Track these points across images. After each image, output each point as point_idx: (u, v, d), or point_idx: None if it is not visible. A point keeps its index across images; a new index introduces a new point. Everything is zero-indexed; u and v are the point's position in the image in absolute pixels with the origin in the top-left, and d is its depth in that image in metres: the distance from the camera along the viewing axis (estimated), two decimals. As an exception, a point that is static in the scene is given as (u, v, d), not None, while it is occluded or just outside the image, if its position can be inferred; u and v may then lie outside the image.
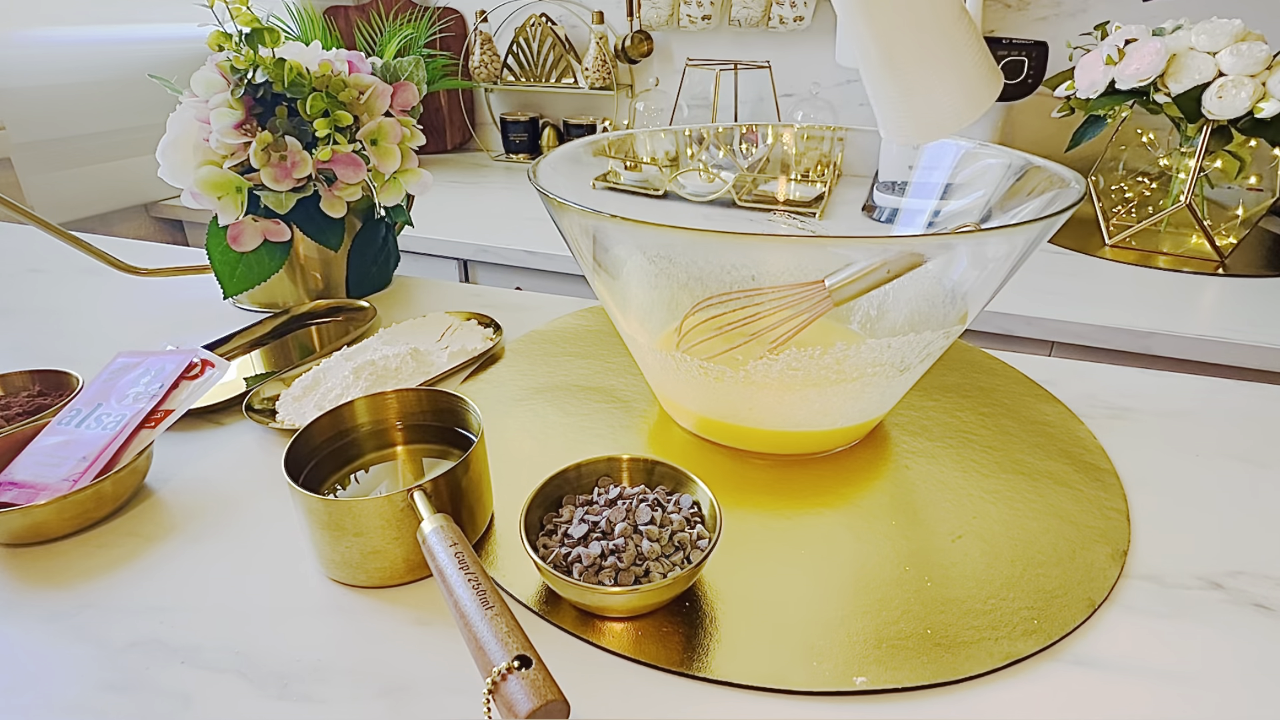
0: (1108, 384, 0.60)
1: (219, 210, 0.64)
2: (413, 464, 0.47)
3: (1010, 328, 0.95)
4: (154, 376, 0.50)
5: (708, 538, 0.38)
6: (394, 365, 0.57)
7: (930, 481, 0.48)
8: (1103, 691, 0.34)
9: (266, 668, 0.35)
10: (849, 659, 0.35)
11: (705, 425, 0.52)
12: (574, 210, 0.41)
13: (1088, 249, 1.14)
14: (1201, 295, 0.99)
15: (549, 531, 0.40)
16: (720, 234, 0.39)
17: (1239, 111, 0.98)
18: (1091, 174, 1.23)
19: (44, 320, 0.74)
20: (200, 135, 0.63)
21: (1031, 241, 0.41)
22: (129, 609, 0.39)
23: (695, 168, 1.05)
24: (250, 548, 0.43)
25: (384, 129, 0.66)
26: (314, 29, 1.27)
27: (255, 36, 0.62)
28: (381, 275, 0.79)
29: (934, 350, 0.47)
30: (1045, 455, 0.50)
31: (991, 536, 0.43)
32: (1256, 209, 1.12)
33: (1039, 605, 0.38)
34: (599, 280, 0.49)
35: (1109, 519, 0.44)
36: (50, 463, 0.45)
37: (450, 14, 1.74)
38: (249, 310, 0.75)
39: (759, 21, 1.49)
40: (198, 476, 0.49)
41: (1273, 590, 0.40)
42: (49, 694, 0.34)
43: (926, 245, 0.40)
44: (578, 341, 0.67)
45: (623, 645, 0.36)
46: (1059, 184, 0.46)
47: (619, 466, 0.43)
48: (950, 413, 0.55)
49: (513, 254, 1.23)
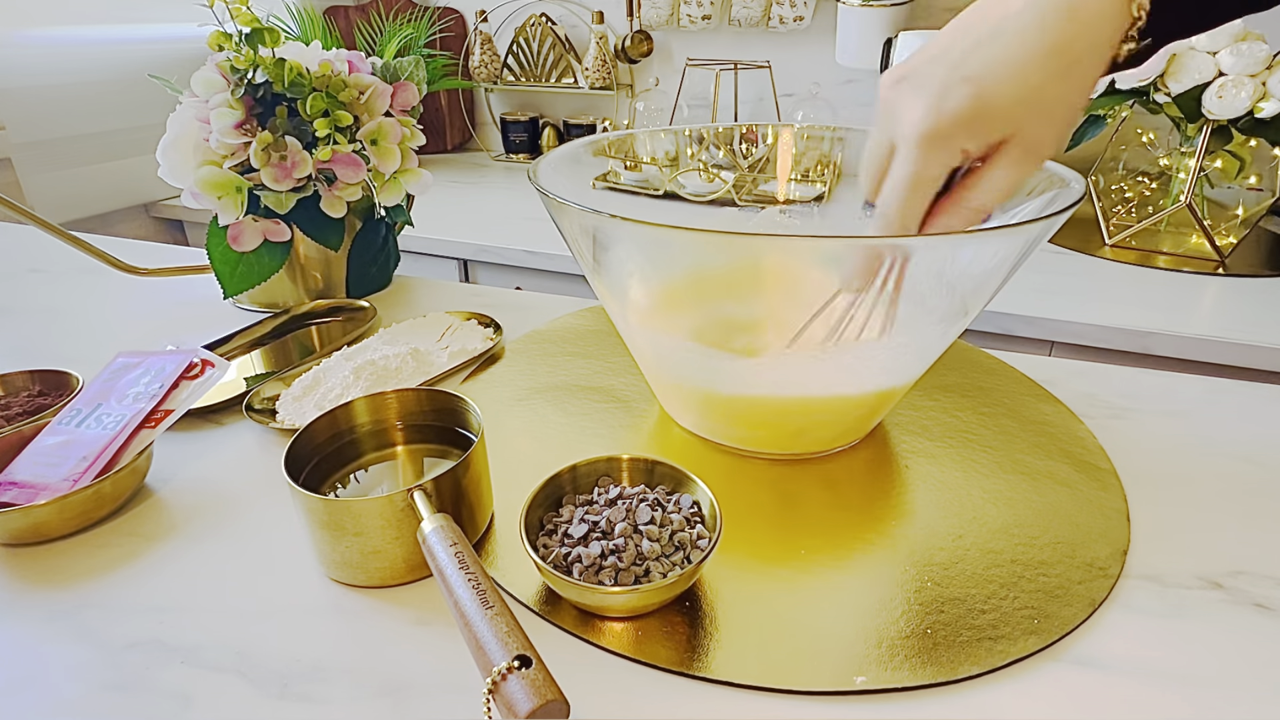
0: (1108, 384, 0.60)
1: (219, 210, 0.64)
2: (413, 464, 0.47)
3: (1010, 328, 0.95)
4: (154, 376, 0.50)
5: (708, 538, 0.38)
6: (394, 365, 0.57)
7: (930, 481, 0.48)
8: (1103, 691, 0.34)
9: (266, 668, 0.35)
10: (849, 659, 0.35)
11: (705, 424, 0.52)
12: (574, 210, 0.41)
13: (1088, 249, 1.14)
14: (1201, 295, 0.99)
15: (549, 531, 0.40)
16: (720, 234, 0.39)
17: (1239, 111, 0.98)
18: (1091, 174, 1.23)
19: (44, 320, 0.74)
20: (200, 135, 0.63)
21: (1031, 241, 0.41)
22: (129, 609, 0.39)
23: (695, 168, 1.05)
24: (250, 548, 0.43)
25: (384, 129, 0.66)
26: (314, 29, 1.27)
27: (255, 36, 0.62)
28: (381, 275, 0.79)
29: (934, 350, 0.47)
30: (1045, 455, 0.50)
31: (991, 536, 0.43)
32: (1256, 209, 1.12)
33: (1039, 605, 0.38)
34: (599, 280, 0.49)
35: (1109, 519, 0.44)
36: (50, 463, 0.45)
37: (450, 14, 1.74)
38: (249, 310, 0.75)
39: (759, 21, 1.49)
40: (198, 476, 0.49)
41: (1273, 590, 0.40)
42: (49, 694, 0.34)
43: (925, 245, 0.40)
44: (578, 341, 0.67)
45: (623, 645, 0.36)
46: (1059, 184, 0.46)
47: (619, 466, 0.43)
48: (950, 413, 0.55)
49: (513, 254, 1.23)
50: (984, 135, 0.34)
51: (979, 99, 0.33)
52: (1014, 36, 0.32)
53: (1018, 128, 0.34)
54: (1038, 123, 0.34)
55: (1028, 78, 0.32)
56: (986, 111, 0.33)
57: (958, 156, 0.35)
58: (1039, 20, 0.32)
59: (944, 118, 0.34)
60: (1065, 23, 0.32)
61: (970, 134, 0.34)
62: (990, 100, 0.33)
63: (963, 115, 0.33)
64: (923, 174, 0.35)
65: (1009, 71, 0.32)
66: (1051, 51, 0.32)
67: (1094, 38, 0.32)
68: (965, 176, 0.36)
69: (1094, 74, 0.33)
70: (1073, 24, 0.32)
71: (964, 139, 0.34)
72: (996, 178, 0.35)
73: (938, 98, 0.34)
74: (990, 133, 0.34)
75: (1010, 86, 0.33)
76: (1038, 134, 0.34)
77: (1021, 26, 0.32)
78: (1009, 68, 0.32)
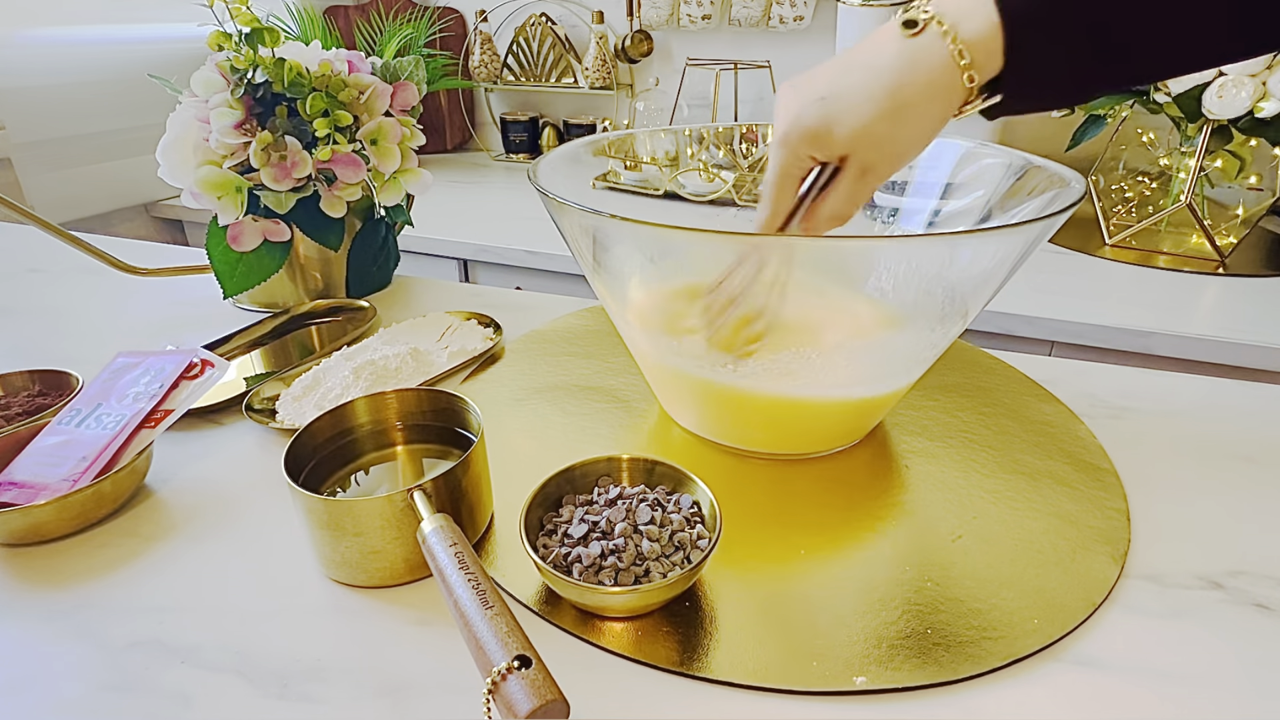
0: (1108, 384, 0.60)
1: (219, 210, 0.64)
2: (413, 464, 0.47)
3: (1010, 328, 0.95)
4: (154, 376, 0.50)
5: (708, 538, 0.38)
6: (394, 365, 0.57)
7: (930, 481, 0.48)
8: (1103, 691, 0.34)
9: (266, 668, 0.35)
10: (849, 659, 0.35)
11: (705, 424, 0.52)
12: (574, 210, 0.41)
13: (1088, 249, 1.14)
14: (1201, 295, 0.99)
15: (549, 531, 0.40)
16: (720, 234, 0.39)
17: (1239, 111, 0.98)
18: (1091, 174, 1.23)
19: (44, 320, 0.74)
20: (200, 135, 0.63)
21: (1031, 241, 0.41)
22: (129, 609, 0.39)
23: (695, 167, 1.05)
24: (250, 548, 0.43)
25: (384, 129, 0.66)
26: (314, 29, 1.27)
27: (255, 36, 0.62)
28: (381, 275, 0.79)
29: (934, 350, 0.47)
30: (1045, 455, 0.50)
31: (991, 536, 0.43)
32: (1257, 209, 1.12)
33: (1039, 605, 0.38)
34: (599, 280, 0.49)
35: (1109, 519, 0.44)
36: (50, 463, 0.45)
37: (450, 14, 1.74)
38: (249, 310, 0.75)
39: (759, 21, 1.49)
40: (198, 476, 0.49)
41: (1273, 590, 0.40)
42: (49, 694, 0.34)
43: (926, 245, 0.40)
44: (578, 341, 0.67)
45: (623, 645, 0.36)
46: (1059, 183, 0.46)
47: (619, 466, 0.43)
48: (950, 413, 0.55)
49: (513, 254, 1.23)
50: (826, 150, 0.38)
51: (824, 119, 0.37)
52: (868, 73, 0.37)
53: (852, 151, 0.38)
54: (869, 151, 0.38)
55: (865, 112, 0.37)
56: (828, 132, 0.37)
57: (808, 162, 0.39)
58: (890, 64, 0.36)
59: (794, 129, 0.38)
60: (904, 73, 0.36)
61: (814, 147, 0.38)
62: (833, 123, 0.37)
63: (809, 131, 0.38)
64: (781, 171, 0.40)
65: (853, 103, 0.37)
66: (888, 93, 0.36)
67: (926, 92, 0.36)
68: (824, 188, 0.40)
69: (927, 123, 0.37)
70: (910, 74, 0.36)
71: (810, 149, 0.38)
72: (839, 190, 0.40)
73: (799, 109, 0.38)
74: (831, 149, 0.38)
75: (851, 116, 0.37)
76: (869, 160, 0.38)
77: (878, 66, 0.36)
78: (854, 99, 0.37)
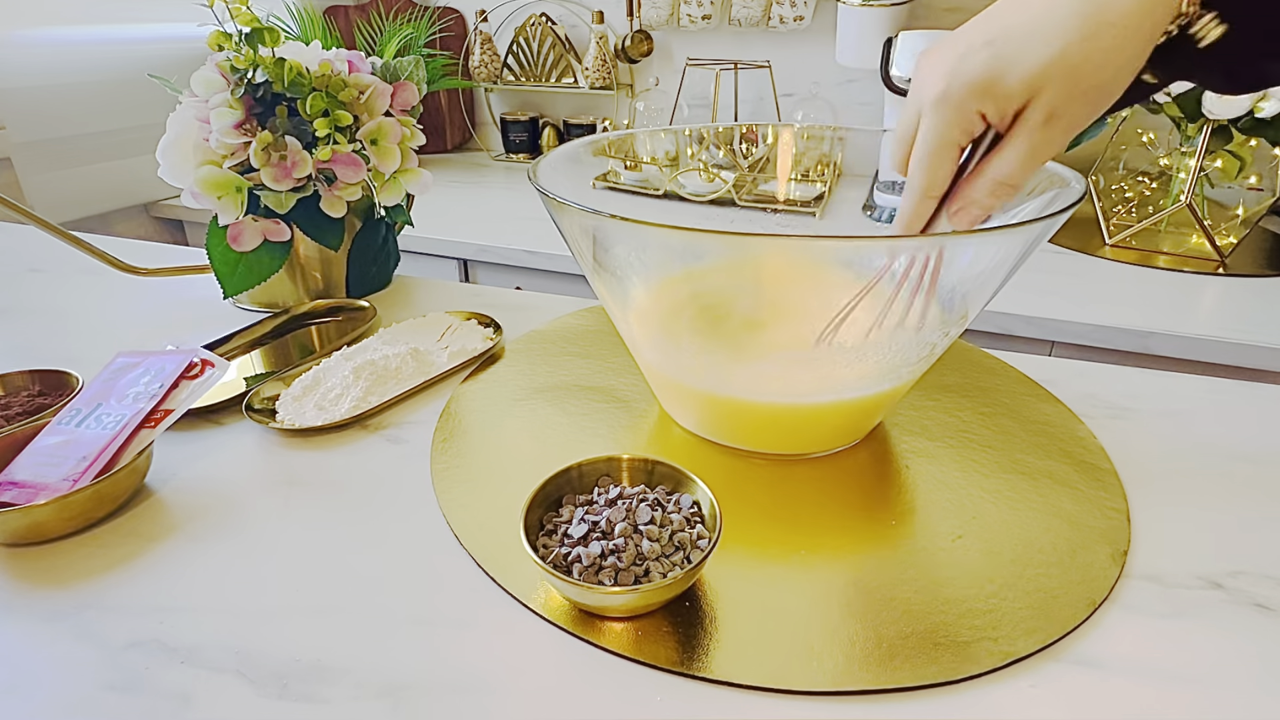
0: (1108, 384, 0.60)
1: (219, 210, 0.64)
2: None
3: (1010, 328, 0.95)
4: (154, 376, 0.50)
5: (708, 538, 0.38)
6: (394, 365, 0.57)
7: (930, 481, 0.48)
8: (1103, 691, 0.34)
9: (266, 668, 0.35)
10: (849, 659, 0.35)
11: (705, 425, 0.52)
12: (574, 210, 0.41)
13: (1088, 249, 1.14)
14: (1201, 295, 0.99)
15: (549, 531, 0.40)
16: (720, 234, 0.39)
17: (1239, 111, 0.98)
18: (1092, 174, 1.23)
19: (44, 320, 0.74)
20: (200, 135, 0.63)
21: (1031, 241, 0.41)
22: (129, 609, 0.39)
23: (695, 167, 1.05)
24: (250, 548, 0.43)
25: (384, 129, 0.66)
26: (314, 29, 1.27)
27: (255, 36, 0.62)
28: (381, 275, 0.79)
29: (933, 350, 0.47)
30: (1045, 455, 0.50)
31: (991, 536, 0.43)
32: (1257, 209, 1.12)
33: (1039, 605, 0.38)
34: (599, 280, 0.49)
35: (1109, 519, 0.44)
36: (50, 463, 0.45)
37: (450, 14, 1.74)
38: (249, 310, 0.75)
39: (759, 21, 1.49)
40: (198, 476, 0.49)
41: (1273, 590, 0.40)
42: (49, 694, 0.34)
43: (924, 245, 0.40)
44: (578, 341, 0.67)
45: (623, 645, 0.36)
46: (1059, 183, 0.46)
47: (619, 466, 0.43)
48: (950, 413, 0.55)
49: (513, 254, 1.23)
50: (1002, 99, 0.32)
51: (996, 60, 0.32)
52: (1045, 2, 0.31)
53: (1037, 91, 0.32)
54: (1059, 86, 0.32)
55: (1050, 39, 0.31)
56: (1004, 74, 0.32)
57: (976, 121, 0.34)
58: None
59: (958, 80, 0.33)
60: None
61: (986, 97, 0.33)
62: (1008, 62, 0.32)
63: (978, 81, 0.32)
64: (941, 138, 0.34)
65: (1033, 34, 0.31)
66: (1078, 13, 0.30)
67: (1131, 3, 0.30)
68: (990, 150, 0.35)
69: (1131, 44, 0.31)
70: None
71: (979, 102, 0.33)
72: (1016, 146, 0.34)
73: (955, 61, 0.33)
74: (1008, 96, 0.32)
75: (1033, 49, 0.31)
76: (1059, 99, 0.32)
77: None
78: (1034, 30, 0.31)
